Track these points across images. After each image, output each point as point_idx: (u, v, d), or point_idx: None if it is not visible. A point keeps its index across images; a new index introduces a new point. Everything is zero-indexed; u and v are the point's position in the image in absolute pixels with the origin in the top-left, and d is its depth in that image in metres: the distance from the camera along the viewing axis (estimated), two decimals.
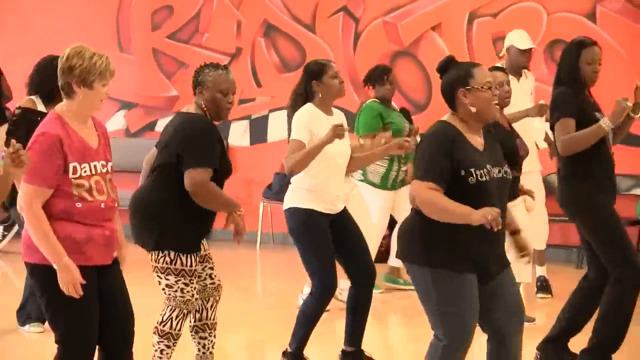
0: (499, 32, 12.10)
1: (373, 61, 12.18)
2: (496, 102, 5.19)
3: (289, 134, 6.83)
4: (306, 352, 6.95)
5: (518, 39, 9.34)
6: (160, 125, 12.86)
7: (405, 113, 11.04)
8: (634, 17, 11.56)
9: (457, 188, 5.02)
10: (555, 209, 8.20)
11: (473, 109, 5.13)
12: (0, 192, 4.50)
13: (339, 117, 6.95)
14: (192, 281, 5.88)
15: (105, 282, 4.94)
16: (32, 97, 7.75)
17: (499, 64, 9.33)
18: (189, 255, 5.84)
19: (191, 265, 5.85)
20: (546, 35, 11.83)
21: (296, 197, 6.77)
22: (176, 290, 5.86)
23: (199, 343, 6.11)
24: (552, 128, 6.83)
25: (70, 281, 4.73)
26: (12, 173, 4.40)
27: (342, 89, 6.96)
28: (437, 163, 5.05)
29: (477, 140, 5.18)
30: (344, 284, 8.38)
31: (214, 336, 6.13)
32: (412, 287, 9.42)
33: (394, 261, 9.87)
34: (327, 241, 6.78)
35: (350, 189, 8.49)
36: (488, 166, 5.10)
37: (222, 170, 5.93)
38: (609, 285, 6.74)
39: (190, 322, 6.13)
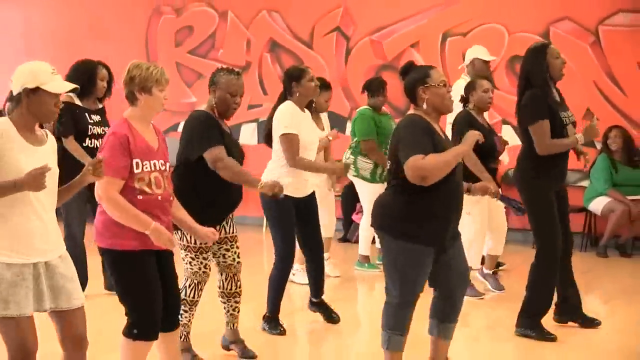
0: (468, 49, 12.14)
1: (362, 73, 12.27)
2: (450, 96, 5.32)
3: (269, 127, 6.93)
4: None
5: (481, 52, 9.42)
6: (182, 126, 12.94)
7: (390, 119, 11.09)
8: (581, 36, 11.62)
9: None
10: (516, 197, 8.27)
11: (430, 104, 5.26)
12: (71, 192, 4.50)
13: (308, 114, 7.09)
14: (197, 256, 5.90)
15: (160, 263, 4.97)
16: (69, 93, 7.84)
17: (463, 75, 9.40)
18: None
19: (195, 243, 5.85)
20: (507, 52, 11.87)
21: (272, 173, 6.83)
22: (187, 263, 5.94)
23: (223, 307, 6.24)
24: (521, 125, 6.77)
25: (164, 241, 4.79)
26: (87, 182, 4.43)
27: (317, 90, 7.07)
28: (422, 141, 5.14)
29: (438, 128, 5.32)
30: (296, 266, 8.47)
31: (235, 302, 6.22)
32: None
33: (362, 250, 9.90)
34: (289, 219, 6.87)
35: (320, 180, 8.53)
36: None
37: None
38: (535, 260, 6.76)
39: (217, 290, 6.25)
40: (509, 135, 10.98)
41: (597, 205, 11.13)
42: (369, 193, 9.41)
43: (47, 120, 4.39)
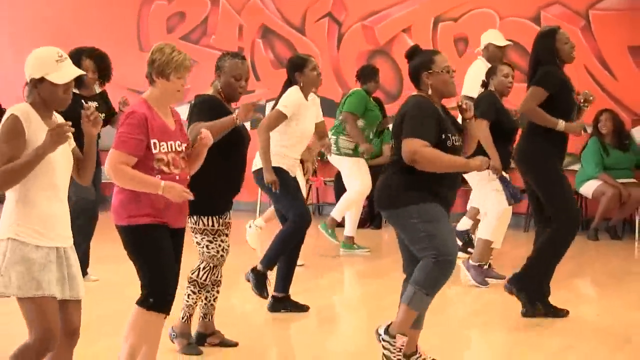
0: (459, 34, 12.18)
1: (354, 59, 12.27)
2: (453, 81, 5.33)
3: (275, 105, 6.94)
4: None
5: (495, 37, 9.41)
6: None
7: (378, 101, 11.12)
8: (572, 20, 11.62)
9: (437, 149, 5.16)
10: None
11: (433, 89, 5.27)
12: (92, 151, 4.43)
13: (314, 101, 7.21)
14: (215, 239, 5.88)
15: (172, 242, 4.97)
16: None
17: (480, 57, 9.34)
18: (209, 217, 5.84)
19: (212, 225, 5.85)
20: None
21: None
22: (202, 247, 5.89)
23: (203, 297, 6.12)
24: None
25: (177, 194, 4.75)
26: (92, 134, 4.37)
27: (319, 80, 7.08)
28: (430, 125, 5.18)
29: (441, 110, 5.34)
30: (259, 221, 8.64)
31: (217, 292, 6.09)
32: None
33: (349, 231, 9.92)
34: (296, 185, 6.99)
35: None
36: (456, 135, 5.30)
37: (231, 139, 5.85)
38: (551, 228, 6.75)
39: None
40: None
41: (588, 188, 11.15)
42: (352, 165, 9.62)
43: (59, 108, 4.31)
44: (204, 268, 5.92)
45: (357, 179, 9.68)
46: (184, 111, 6.10)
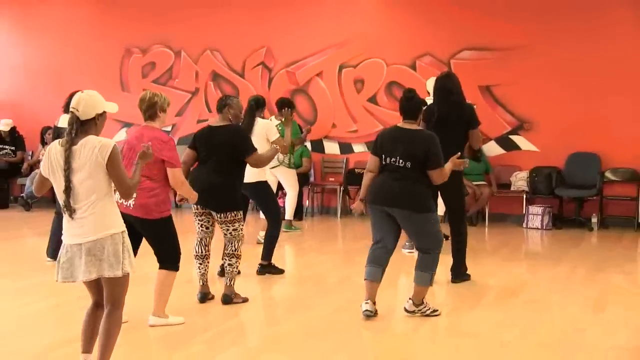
0: (357, 77, 12.32)
1: (281, 95, 12.30)
2: None
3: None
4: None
5: None
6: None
7: (299, 126, 11.22)
8: (438, 66, 11.84)
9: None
10: None
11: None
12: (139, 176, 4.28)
13: (256, 125, 7.68)
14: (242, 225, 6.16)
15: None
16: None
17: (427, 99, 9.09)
18: (241, 210, 6.15)
19: (241, 215, 6.14)
20: (386, 79, 12.05)
21: (257, 173, 7.16)
22: (239, 231, 6.08)
23: (230, 267, 6.22)
24: (462, 127, 6.90)
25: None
26: (144, 163, 4.30)
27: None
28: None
29: None
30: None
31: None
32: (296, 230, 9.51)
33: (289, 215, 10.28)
34: (274, 194, 7.56)
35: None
36: None
37: None
38: (456, 231, 7.15)
39: (199, 251, 6.24)
40: None
41: None
42: (293, 176, 9.96)
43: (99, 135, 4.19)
44: (240, 245, 6.12)
45: (295, 186, 10.13)
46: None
